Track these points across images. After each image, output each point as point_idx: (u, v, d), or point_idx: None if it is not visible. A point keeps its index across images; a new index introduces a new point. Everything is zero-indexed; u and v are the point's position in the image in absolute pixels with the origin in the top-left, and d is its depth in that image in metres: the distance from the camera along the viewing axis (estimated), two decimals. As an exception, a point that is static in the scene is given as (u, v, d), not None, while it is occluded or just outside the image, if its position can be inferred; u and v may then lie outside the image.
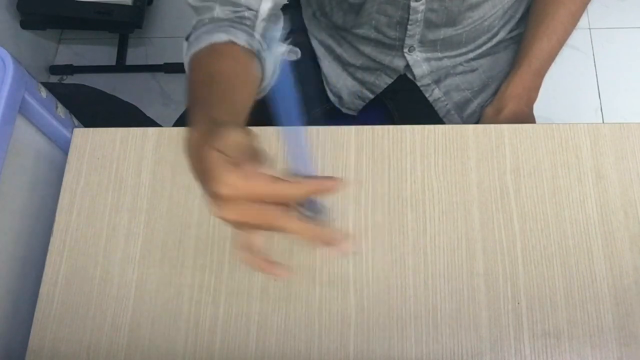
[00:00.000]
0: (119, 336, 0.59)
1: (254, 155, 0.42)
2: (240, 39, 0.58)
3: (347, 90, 0.85)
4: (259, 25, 0.61)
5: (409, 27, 0.72)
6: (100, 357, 0.58)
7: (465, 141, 0.65)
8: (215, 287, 0.60)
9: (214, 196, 0.41)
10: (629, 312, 0.57)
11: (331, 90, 0.86)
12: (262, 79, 0.60)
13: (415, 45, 0.76)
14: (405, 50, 0.76)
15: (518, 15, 0.81)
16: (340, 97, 0.86)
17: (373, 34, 0.75)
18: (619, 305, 0.57)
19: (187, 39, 0.61)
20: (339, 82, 0.85)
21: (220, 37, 0.57)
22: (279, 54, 0.62)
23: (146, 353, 0.58)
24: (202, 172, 0.42)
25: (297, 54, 0.68)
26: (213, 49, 0.57)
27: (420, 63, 0.78)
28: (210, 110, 0.49)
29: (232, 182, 0.40)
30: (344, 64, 0.84)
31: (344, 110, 0.87)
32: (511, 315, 0.57)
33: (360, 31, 0.76)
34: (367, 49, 0.79)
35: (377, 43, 0.77)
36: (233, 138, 0.42)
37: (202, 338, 0.58)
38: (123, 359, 0.58)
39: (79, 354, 0.58)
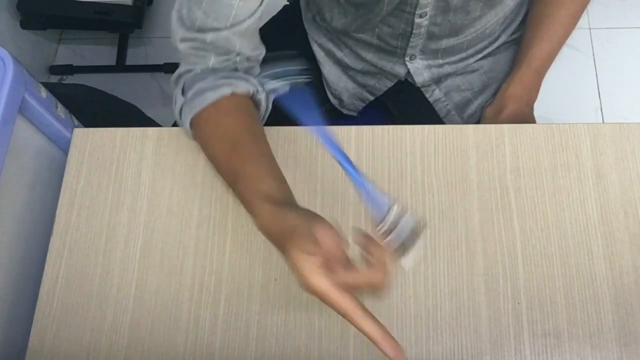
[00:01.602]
0: (119, 336, 0.59)
1: (342, 254, 0.45)
2: (241, 88, 0.59)
3: (347, 92, 0.85)
4: (246, 66, 0.62)
5: (411, 39, 0.72)
6: (100, 357, 0.58)
7: (465, 141, 0.65)
8: (215, 287, 0.60)
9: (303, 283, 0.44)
10: (629, 312, 0.57)
11: (331, 93, 0.86)
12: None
13: (416, 54, 0.76)
14: (407, 58, 0.76)
15: (519, 19, 0.81)
16: (340, 99, 0.86)
17: (375, 41, 0.75)
18: (619, 305, 0.57)
19: (181, 89, 0.60)
20: (340, 84, 0.85)
21: (224, 91, 0.58)
22: (269, 91, 0.64)
23: (146, 353, 0.58)
24: (290, 264, 0.45)
25: (286, 87, 0.69)
26: (221, 107, 0.58)
27: (421, 70, 0.78)
28: (264, 184, 0.52)
29: (321, 285, 0.43)
30: (345, 68, 0.84)
31: (344, 111, 0.87)
32: (511, 315, 0.57)
33: (361, 36, 0.76)
34: (368, 55, 0.79)
35: (379, 49, 0.77)
36: (325, 239, 0.45)
37: (202, 338, 0.58)
38: (123, 359, 0.58)
39: (79, 354, 0.58)
